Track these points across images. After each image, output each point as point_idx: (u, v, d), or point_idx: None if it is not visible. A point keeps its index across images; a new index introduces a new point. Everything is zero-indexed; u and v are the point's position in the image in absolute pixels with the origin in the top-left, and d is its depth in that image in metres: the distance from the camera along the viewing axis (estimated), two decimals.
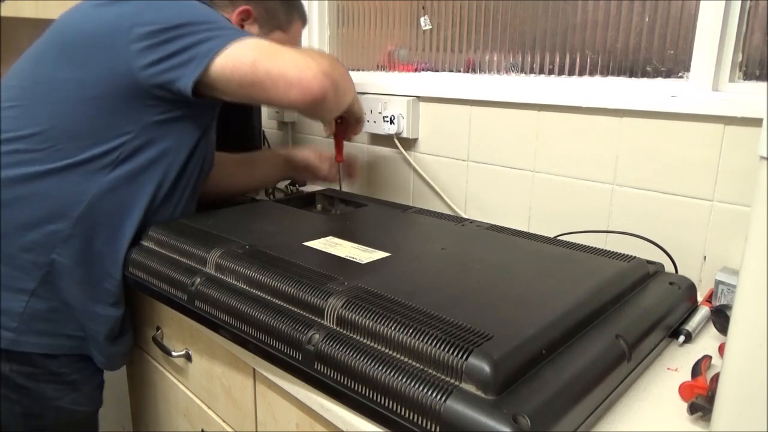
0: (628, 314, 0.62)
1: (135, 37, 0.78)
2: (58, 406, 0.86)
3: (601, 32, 0.95)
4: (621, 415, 0.54)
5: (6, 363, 0.81)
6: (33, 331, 0.81)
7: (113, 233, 0.83)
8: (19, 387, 0.83)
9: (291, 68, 0.79)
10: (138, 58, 0.78)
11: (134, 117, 0.81)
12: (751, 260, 0.40)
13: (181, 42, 0.78)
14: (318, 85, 0.79)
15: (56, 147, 0.80)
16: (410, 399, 0.48)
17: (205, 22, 0.81)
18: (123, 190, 0.82)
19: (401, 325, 0.52)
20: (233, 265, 0.70)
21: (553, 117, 0.98)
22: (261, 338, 0.62)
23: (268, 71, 0.78)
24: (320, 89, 0.80)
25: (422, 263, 0.71)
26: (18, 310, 0.80)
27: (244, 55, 0.78)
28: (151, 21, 0.78)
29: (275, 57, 0.79)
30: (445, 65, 1.21)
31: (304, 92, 0.79)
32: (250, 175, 1.19)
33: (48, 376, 0.84)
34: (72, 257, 0.81)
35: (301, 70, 0.79)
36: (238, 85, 0.79)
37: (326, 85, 0.80)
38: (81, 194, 0.80)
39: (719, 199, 0.81)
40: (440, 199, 1.18)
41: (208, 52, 0.78)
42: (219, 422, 0.83)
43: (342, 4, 1.42)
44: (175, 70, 0.78)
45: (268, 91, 0.79)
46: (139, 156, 0.83)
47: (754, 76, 0.81)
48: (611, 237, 0.93)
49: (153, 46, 0.78)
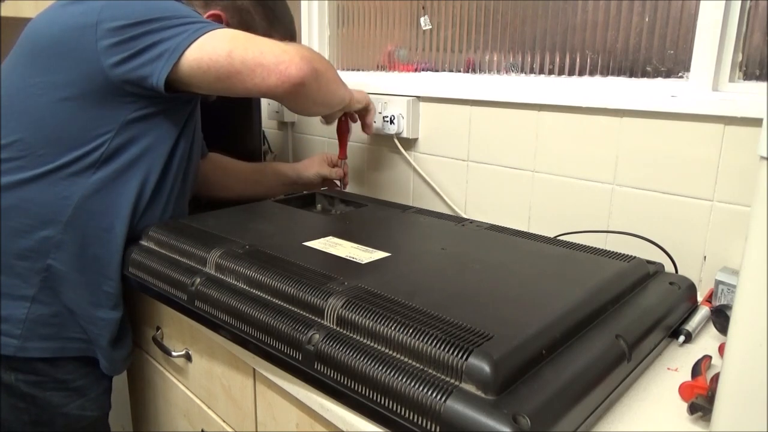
0: (628, 314, 0.62)
1: (102, 33, 0.76)
2: (65, 413, 0.86)
3: (601, 32, 0.95)
4: (621, 415, 0.54)
5: (11, 372, 0.81)
6: (38, 336, 0.81)
7: (105, 235, 0.83)
8: (25, 395, 0.82)
9: (268, 55, 0.77)
10: (107, 56, 0.76)
11: (111, 116, 0.80)
12: (751, 260, 0.40)
13: (150, 37, 0.77)
14: (296, 69, 0.78)
15: (37, 153, 0.79)
16: (410, 399, 0.48)
17: (174, 16, 0.79)
18: (108, 190, 0.82)
19: (401, 325, 0.52)
20: (233, 265, 0.70)
21: (553, 117, 0.98)
22: (261, 338, 0.62)
23: (244, 60, 0.77)
24: (299, 74, 0.78)
25: (422, 263, 0.71)
26: (21, 317, 0.80)
27: (218, 47, 0.77)
28: (118, 16, 0.77)
29: (251, 45, 0.78)
30: (445, 65, 1.21)
31: (283, 78, 0.78)
32: (258, 185, 1.19)
33: (54, 383, 0.84)
34: (67, 263, 0.81)
35: (278, 56, 0.78)
36: (215, 78, 0.78)
37: (305, 71, 0.79)
38: (67, 198, 0.80)
39: (719, 199, 0.81)
40: (440, 199, 1.18)
41: (178, 47, 0.77)
42: (219, 422, 0.83)
43: (342, 4, 1.42)
44: (145, 66, 0.77)
45: (246, 80, 0.78)
46: (121, 155, 0.82)
47: (754, 76, 0.81)
48: (611, 237, 0.93)
49: (121, 43, 0.76)
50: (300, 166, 1.22)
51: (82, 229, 0.81)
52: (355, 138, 1.34)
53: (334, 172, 1.20)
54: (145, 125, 0.83)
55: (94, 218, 0.82)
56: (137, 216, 0.85)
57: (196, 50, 0.77)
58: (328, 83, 0.89)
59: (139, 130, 0.83)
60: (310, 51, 0.84)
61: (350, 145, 1.36)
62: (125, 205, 0.83)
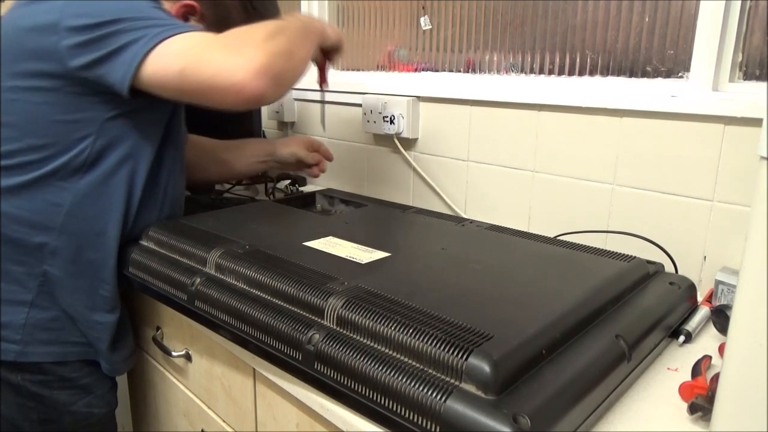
0: (628, 314, 0.62)
1: (64, 32, 0.73)
2: (73, 411, 0.86)
3: (601, 32, 0.95)
4: (621, 415, 0.54)
5: (17, 373, 0.81)
6: (38, 341, 0.81)
7: (98, 239, 0.82)
8: (33, 395, 0.83)
9: (220, 74, 0.71)
10: (71, 58, 0.74)
11: (89, 117, 0.78)
12: (751, 260, 0.40)
13: (111, 42, 0.73)
14: (252, 87, 0.72)
15: (24, 159, 0.78)
16: (410, 399, 0.48)
17: (135, 17, 0.75)
18: (98, 194, 0.81)
19: (401, 325, 0.52)
20: (233, 265, 0.70)
21: (553, 117, 0.98)
22: (261, 338, 0.62)
23: (198, 81, 0.72)
24: (254, 91, 0.72)
25: (422, 263, 0.71)
26: (20, 322, 0.80)
27: (170, 64, 0.73)
28: (81, 14, 0.74)
29: (202, 62, 0.72)
30: (445, 65, 1.21)
31: (238, 98, 0.72)
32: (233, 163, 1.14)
33: (60, 382, 0.84)
34: (63, 268, 0.81)
35: (231, 74, 0.71)
36: (175, 93, 0.75)
37: (261, 86, 0.72)
38: (57, 205, 0.79)
39: (719, 199, 0.81)
40: (440, 199, 1.18)
41: (135, 57, 0.73)
42: (219, 422, 0.83)
43: (342, 4, 1.42)
44: (109, 75, 0.74)
45: (203, 100, 0.74)
46: (107, 157, 0.81)
47: (754, 76, 0.81)
48: (611, 237, 0.93)
49: (84, 45, 0.74)
50: (278, 143, 1.16)
51: (75, 234, 0.81)
52: (355, 138, 1.35)
53: (311, 156, 1.16)
54: (125, 125, 0.81)
55: (87, 223, 0.81)
56: (130, 218, 0.84)
57: (151, 63, 0.73)
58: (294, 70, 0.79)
59: (121, 130, 0.81)
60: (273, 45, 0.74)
61: (350, 145, 1.36)
62: (116, 207, 0.82)
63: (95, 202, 0.81)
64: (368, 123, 1.25)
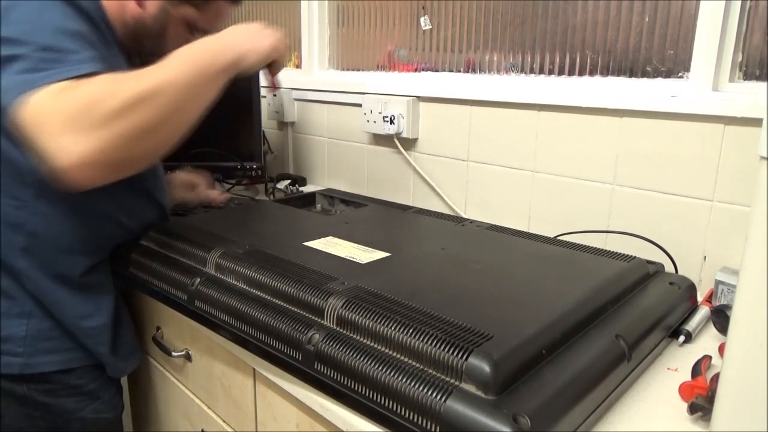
0: (628, 314, 0.62)
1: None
2: (81, 417, 0.85)
3: (601, 32, 0.95)
4: (621, 415, 0.54)
5: (22, 384, 0.80)
6: (41, 351, 0.80)
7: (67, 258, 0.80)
8: (39, 404, 0.82)
9: (47, 153, 0.63)
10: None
11: None
12: (751, 260, 0.40)
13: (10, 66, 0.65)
14: (76, 177, 0.64)
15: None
16: (410, 399, 0.48)
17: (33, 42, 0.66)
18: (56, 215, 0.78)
19: (401, 325, 0.52)
20: (233, 265, 0.70)
21: (553, 117, 0.98)
22: (261, 338, 0.62)
23: (43, 149, 0.64)
24: (81, 181, 0.65)
25: (422, 263, 0.71)
26: (21, 335, 0.79)
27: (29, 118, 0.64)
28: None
29: (39, 134, 0.63)
30: (445, 65, 1.21)
31: (64, 182, 0.65)
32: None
33: (66, 389, 0.84)
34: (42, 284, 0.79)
35: (55, 158, 0.62)
36: None
37: (87, 176, 0.65)
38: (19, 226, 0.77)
39: (719, 199, 0.81)
40: (440, 199, 1.18)
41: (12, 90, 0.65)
42: (219, 422, 0.83)
43: (342, 4, 1.42)
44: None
45: None
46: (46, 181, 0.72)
47: (754, 76, 0.81)
48: (611, 237, 0.93)
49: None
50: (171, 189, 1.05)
51: (42, 255, 0.79)
52: (355, 138, 1.35)
53: (192, 195, 1.10)
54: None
55: (51, 243, 0.79)
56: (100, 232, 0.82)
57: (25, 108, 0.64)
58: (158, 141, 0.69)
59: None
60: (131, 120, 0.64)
61: (350, 145, 1.36)
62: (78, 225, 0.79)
63: (53, 222, 0.78)
64: (368, 123, 1.25)
